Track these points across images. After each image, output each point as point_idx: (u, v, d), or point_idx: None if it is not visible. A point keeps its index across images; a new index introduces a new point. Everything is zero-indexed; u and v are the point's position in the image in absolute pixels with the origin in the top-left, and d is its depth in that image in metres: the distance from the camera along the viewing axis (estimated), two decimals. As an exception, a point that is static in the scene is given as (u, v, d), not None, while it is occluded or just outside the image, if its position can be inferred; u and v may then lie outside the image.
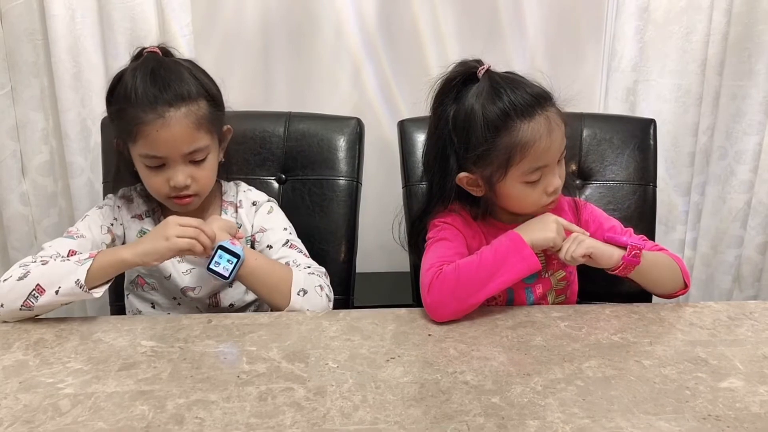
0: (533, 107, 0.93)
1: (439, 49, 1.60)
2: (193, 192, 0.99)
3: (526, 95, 0.93)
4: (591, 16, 1.61)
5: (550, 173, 0.96)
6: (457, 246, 1.00)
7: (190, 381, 0.75)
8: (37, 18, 1.43)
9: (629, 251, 0.91)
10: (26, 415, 0.68)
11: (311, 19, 1.57)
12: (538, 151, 0.93)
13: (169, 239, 0.89)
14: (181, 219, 0.92)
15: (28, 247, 1.57)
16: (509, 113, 0.93)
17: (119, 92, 0.96)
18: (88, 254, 0.90)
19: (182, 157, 0.97)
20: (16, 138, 1.51)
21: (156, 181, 0.98)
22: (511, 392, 0.72)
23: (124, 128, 0.96)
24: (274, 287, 0.95)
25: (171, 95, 0.94)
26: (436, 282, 0.91)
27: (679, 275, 1.00)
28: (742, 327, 0.90)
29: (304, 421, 0.67)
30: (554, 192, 0.97)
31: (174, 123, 0.94)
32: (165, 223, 0.92)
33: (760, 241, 1.74)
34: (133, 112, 0.94)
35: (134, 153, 0.98)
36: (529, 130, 0.92)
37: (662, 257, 1.00)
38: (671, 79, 1.56)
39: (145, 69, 0.96)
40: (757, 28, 1.56)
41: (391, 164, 1.42)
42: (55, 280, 0.87)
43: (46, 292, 0.87)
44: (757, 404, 0.71)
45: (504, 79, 0.96)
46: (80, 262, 0.88)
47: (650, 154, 1.27)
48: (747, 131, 1.63)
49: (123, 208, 1.06)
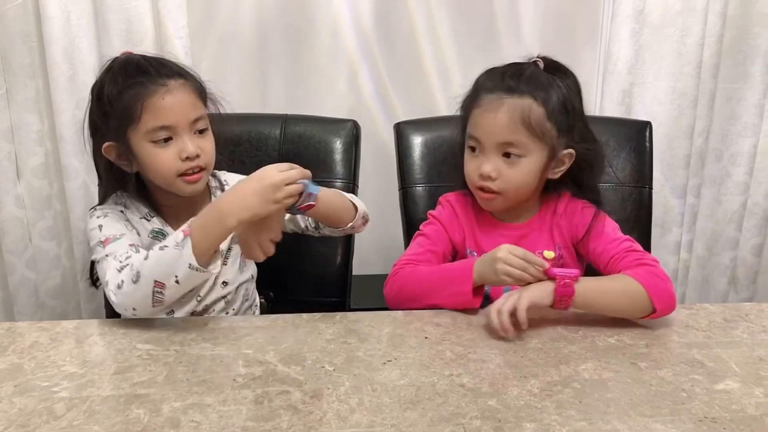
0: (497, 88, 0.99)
1: (435, 51, 1.61)
2: (203, 163, 0.99)
3: (506, 77, 0.99)
4: (587, 18, 1.62)
5: (485, 156, 1.00)
6: (434, 244, 1.06)
7: (186, 384, 0.74)
8: (32, 20, 1.42)
9: (559, 281, 0.86)
10: (21, 419, 0.67)
11: (308, 22, 1.57)
12: (477, 122, 0.99)
13: (279, 201, 0.86)
14: (282, 165, 0.89)
15: (23, 249, 1.57)
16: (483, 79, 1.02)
17: (110, 89, 0.96)
18: (180, 233, 0.85)
19: (189, 126, 0.97)
20: (11, 140, 1.50)
21: (165, 157, 0.96)
22: (508, 395, 0.72)
23: (126, 113, 0.94)
24: (345, 202, 1.03)
25: (167, 71, 0.97)
26: (392, 278, 1.02)
27: (641, 301, 0.88)
28: (738, 329, 0.91)
29: (301, 425, 0.67)
30: (485, 175, 0.99)
31: (177, 90, 0.96)
32: (270, 183, 0.86)
33: (755, 243, 1.74)
34: (134, 91, 0.94)
35: (137, 137, 0.96)
36: (483, 99, 0.99)
37: (618, 283, 0.91)
38: (667, 82, 1.56)
39: (131, 61, 0.98)
40: (751, 31, 1.57)
41: (387, 167, 1.42)
42: (169, 272, 0.85)
43: (167, 286, 0.85)
44: (753, 406, 0.71)
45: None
46: (179, 244, 0.84)
47: (646, 156, 1.27)
48: (742, 133, 1.64)
49: (126, 213, 1.04)
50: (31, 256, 1.58)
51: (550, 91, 0.98)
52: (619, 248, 0.98)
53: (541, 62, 1.02)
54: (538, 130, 0.97)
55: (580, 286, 0.88)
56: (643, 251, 0.97)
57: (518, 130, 0.97)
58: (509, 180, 0.99)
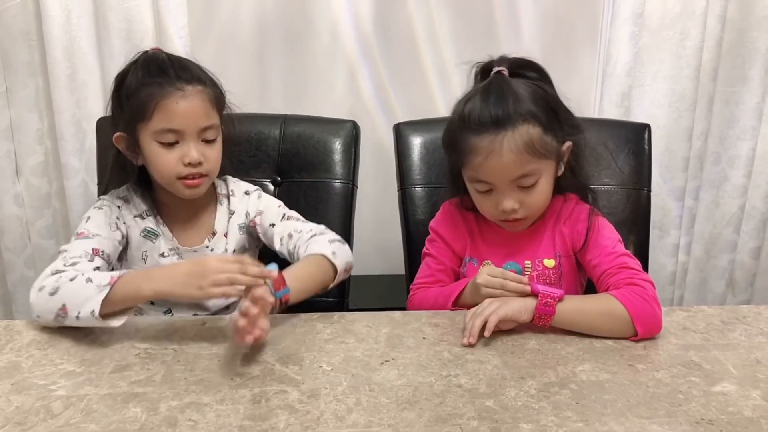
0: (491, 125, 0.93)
1: (434, 52, 1.61)
2: (204, 171, 1.00)
3: (489, 111, 0.93)
4: (586, 21, 1.62)
5: (501, 193, 0.96)
6: (440, 263, 1.08)
7: (184, 383, 0.74)
8: (33, 19, 1.43)
9: (540, 299, 0.86)
10: (18, 416, 0.68)
11: (307, 22, 1.57)
12: (481, 168, 0.95)
13: (202, 289, 0.81)
14: (229, 258, 0.85)
15: (22, 248, 1.57)
16: (465, 120, 0.95)
17: (130, 84, 0.97)
18: (109, 278, 0.83)
19: (197, 133, 0.98)
20: (10, 139, 1.50)
21: (168, 159, 0.98)
22: (505, 396, 0.72)
23: (139, 108, 0.96)
24: (322, 278, 0.97)
25: (188, 75, 0.98)
26: (408, 303, 1.07)
27: (623, 323, 0.86)
28: (735, 331, 0.91)
29: (298, 424, 0.67)
30: (508, 211, 0.96)
31: (192, 97, 0.97)
32: (202, 270, 0.81)
33: (753, 246, 1.74)
34: (151, 89, 0.95)
35: (146, 134, 0.97)
36: (477, 144, 0.94)
37: (601, 304, 0.88)
38: (666, 85, 1.57)
39: (156, 59, 0.98)
40: (750, 34, 1.57)
41: (386, 167, 1.42)
42: (77, 304, 0.83)
43: (68, 315, 0.84)
44: (750, 408, 0.71)
45: (497, 87, 0.96)
46: (99, 288, 0.83)
47: (644, 158, 1.28)
48: (740, 136, 1.64)
49: (123, 208, 1.05)
50: (30, 255, 1.58)
51: (534, 102, 0.95)
52: (613, 263, 0.95)
53: (506, 70, 0.98)
54: (543, 150, 0.94)
55: (562, 306, 0.87)
56: (637, 269, 0.94)
57: (528, 161, 0.93)
58: (531, 205, 0.98)
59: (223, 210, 1.09)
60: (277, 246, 1.06)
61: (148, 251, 1.05)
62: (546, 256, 1.03)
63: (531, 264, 1.03)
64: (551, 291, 0.87)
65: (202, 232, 1.08)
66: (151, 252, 1.05)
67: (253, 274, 0.81)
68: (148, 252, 1.05)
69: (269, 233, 1.08)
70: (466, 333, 0.85)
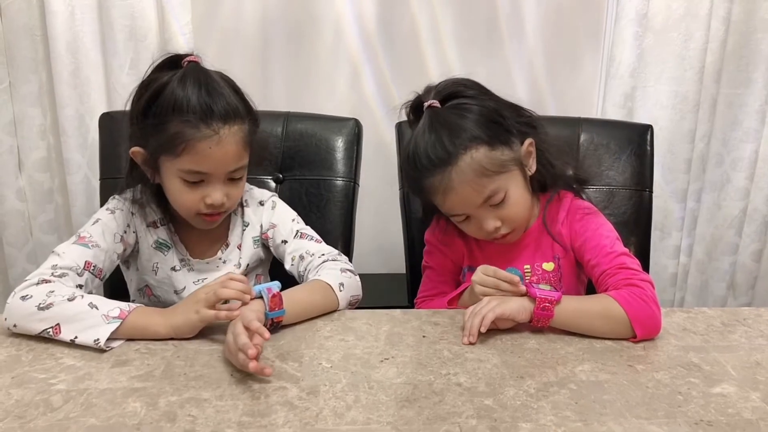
0: (437, 166, 0.94)
1: (437, 52, 1.61)
2: (225, 209, 0.98)
3: (428, 153, 0.94)
4: (590, 21, 1.62)
5: (477, 217, 0.97)
6: (440, 274, 1.10)
7: (183, 378, 0.74)
8: (37, 14, 1.43)
9: (538, 304, 0.86)
10: (18, 410, 0.68)
11: (311, 20, 1.57)
12: (446, 204, 0.97)
13: (199, 312, 0.83)
14: (206, 288, 0.85)
15: (24, 243, 1.57)
16: (412, 165, 0.96)
17: (163, 104, 0.90)
18: (118, 310, 0.82)
19: (225, 175, 0.95)
20: (13, 133, 1.51)
21: (190, 198, 0.95)
22: (504, 395, 0.73)
23: (168, 142, 0.90)
24: (322, 307, 0.94)
25: (224, 112, 0.91)
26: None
27: (622, 325, 0.86)
28: (736, 333, 0.91)
29: (297, 421, 0.67)
30: (492, 231, 0.97)
31: (226, 141, 0.92)
32: (195, 295, 0.85)
33: (754, 249, 1.74)
34: (184, 126, 0.89)
35: (171, 168, 0.93)
36: (430, 184, 0.95)
37: (599, 306, 0.88)
38: (669, 86, 1.56)
39: (194, 81, 0.91)
40: (754, 36, 1.57)
41: (388, 166, 1.42)
42: (77, 328, 0.81)
43: (61, 334, 0.82)
44: (749, 410, 0.71)
45: (432, 124, 0.95)
46: (107, 318, 0.81)
47: (647, 160, 1.27)
48: (743, 139, 1.64)
49: (137, 215, 1.02)
50: (32, 250, 1.59)
51: (474, 123, 0.94)
52: (612, 263, 0.95)
53: (437, 102, 0.98)
54: (496, 167, 0.94)
55: (560, 308, 0.87)
56: (637, 269, 0.93)
57: (485, 184, 0.94)
58: (512, 217, 0.98)
59: (237, 220, 1.07)
60: (288, 265, 1.04)
61: (159, 263, 1.04)
62: (544, 260, 1.03)
63: (530, 268, 1.03)
64: (549, 294, 0.87)
65: (216, 243, 1.06)
66: (162, 264, 1.04)
67: (235, 289, 0.83)
68: (159, 264, 1.04)
69: (280, 249, 1.06)
70: (466, 332, 0.85)
